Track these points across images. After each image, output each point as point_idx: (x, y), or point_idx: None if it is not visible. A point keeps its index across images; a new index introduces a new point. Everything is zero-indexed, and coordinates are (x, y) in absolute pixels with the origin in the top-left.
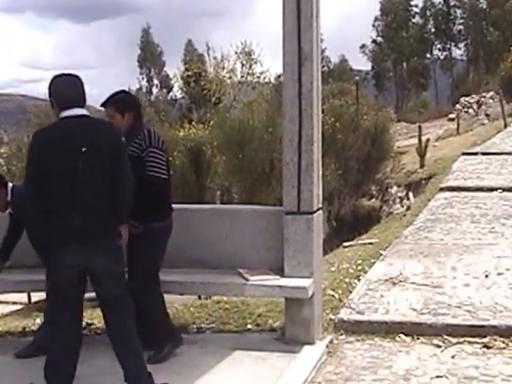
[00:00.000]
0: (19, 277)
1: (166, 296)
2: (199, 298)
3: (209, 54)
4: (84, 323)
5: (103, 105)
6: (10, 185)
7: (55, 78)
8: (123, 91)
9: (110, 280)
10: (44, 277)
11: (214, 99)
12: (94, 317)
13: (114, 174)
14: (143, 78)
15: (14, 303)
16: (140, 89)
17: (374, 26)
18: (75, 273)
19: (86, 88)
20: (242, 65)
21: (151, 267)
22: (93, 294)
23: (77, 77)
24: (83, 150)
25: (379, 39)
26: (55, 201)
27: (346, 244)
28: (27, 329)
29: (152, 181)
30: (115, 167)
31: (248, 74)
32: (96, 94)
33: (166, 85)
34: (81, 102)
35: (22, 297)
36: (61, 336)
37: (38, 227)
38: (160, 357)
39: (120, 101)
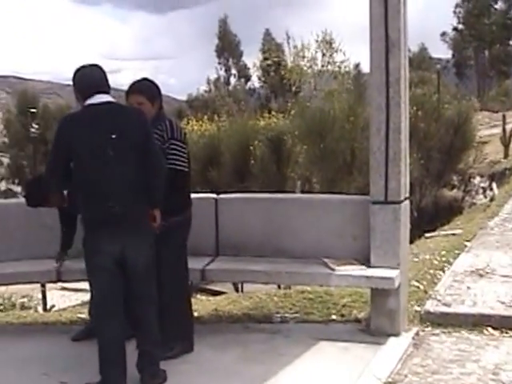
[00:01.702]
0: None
1: (250, 285)
2: (279, 287)
3: (288, 43)
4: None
5: (129, 92)
6: None
7: (76, 70)
8: (146, 79)
9: (142, 269)
10: None
11: (294, 88)
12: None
13: (145, 160)
14: (221, 68)
15: None
16: (218, 78)
17: (454, 12)
18: (111, 261)
19: (163, 78)
20: (323, 54)
21: (175, 265)
22: None
23: (97, 66)
24: (113, 136)
25: (460, 26)
26: (88, 189)
27: (428, 235)
28: None
29: (172, 174)
30: (146, 153)
31: (328, 63)
32: (173, 84)
33: (243, 74)
34: (101, 87)
35: None
36: (104, 329)
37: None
38: (168, 355)
39: (151, 89)
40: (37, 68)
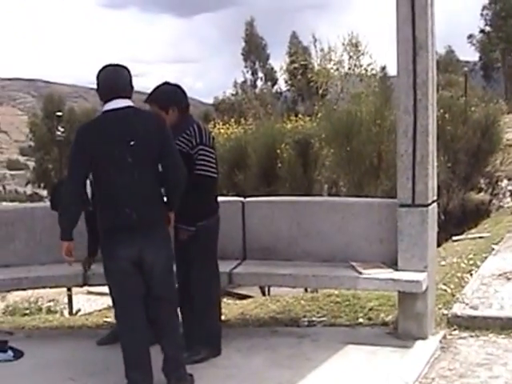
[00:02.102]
0: None
1: (277, 288)
2: (306, 290)
3: (315, 46)
4: None
5: (146, 101)
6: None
7: (101, 69)
8: (166, 83)
9: (161, 271)
10: None
11: (321, 91)
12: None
13: (164, 164)
14: (247, 71)
15: None
16: (245, 82)
17: (481, 15)
18: (129, 265)
19: (189, 81)
20: (350, 57)
21: (203, 268)
22: None
23: (120, 66)
24: (131, 143)
25: (487, 29)
26: (105, 195)
27: (455, 238)
28: None
29: (201, 180)
30: (165, 157)
31: (355, 65)
32: (199, 87)
33: (270, 77)
34: (122, 92)
35: None
36: (126, 333)
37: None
38: (195, 359)
39: (162, 97)
40: (62, 71)
